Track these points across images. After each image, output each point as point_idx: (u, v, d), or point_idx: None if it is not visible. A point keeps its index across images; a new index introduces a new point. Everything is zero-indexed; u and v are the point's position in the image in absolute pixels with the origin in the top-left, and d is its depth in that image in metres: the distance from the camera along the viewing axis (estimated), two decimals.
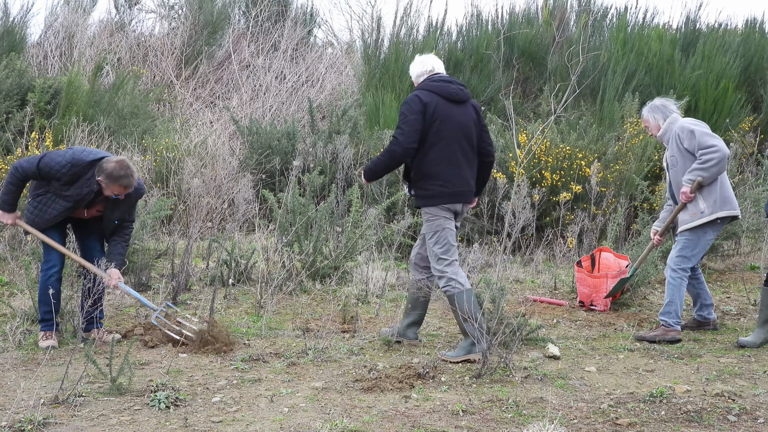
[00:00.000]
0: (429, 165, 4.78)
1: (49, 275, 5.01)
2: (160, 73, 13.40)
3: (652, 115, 5.69)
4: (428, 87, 4.86)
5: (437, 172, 4.78)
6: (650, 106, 5.74)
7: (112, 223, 5.08)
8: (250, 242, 7.59)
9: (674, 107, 5.71)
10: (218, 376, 4.55)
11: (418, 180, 4.84)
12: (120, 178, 4.83)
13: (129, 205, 5.12)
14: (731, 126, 9.91)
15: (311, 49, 14.43)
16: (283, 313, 5.96)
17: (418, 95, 4.79)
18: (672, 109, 5.67)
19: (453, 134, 4.81)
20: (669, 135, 5.57)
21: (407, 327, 5.20)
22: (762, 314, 5.22)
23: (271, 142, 9.52)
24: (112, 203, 5.01)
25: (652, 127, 5.71)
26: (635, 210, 8.13)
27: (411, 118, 4.72)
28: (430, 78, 4.94)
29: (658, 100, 5.78)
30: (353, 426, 3.76)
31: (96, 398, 4.13)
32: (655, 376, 4.70)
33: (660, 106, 5.69)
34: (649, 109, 5.74)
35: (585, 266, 6.38)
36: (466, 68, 11.10)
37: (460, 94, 4.89)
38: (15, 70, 9.80)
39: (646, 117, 5.75)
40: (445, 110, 4.80)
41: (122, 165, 4.84)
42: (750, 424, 3.94)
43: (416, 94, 4.80)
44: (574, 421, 3.91)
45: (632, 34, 11.06)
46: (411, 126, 4.71)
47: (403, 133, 4.71)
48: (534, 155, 8.04)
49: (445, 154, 4.78)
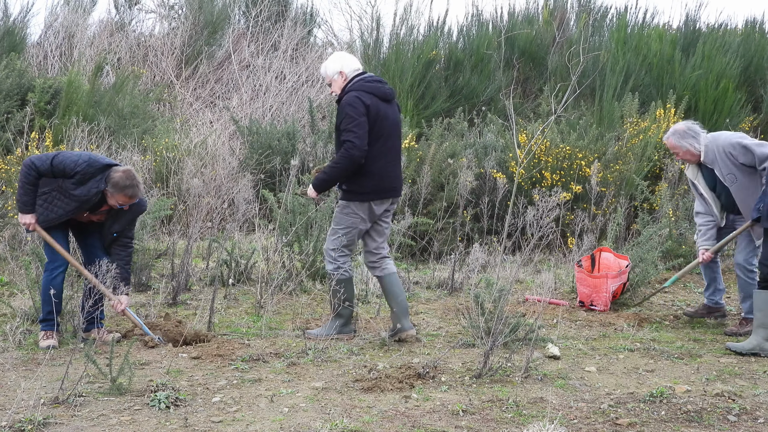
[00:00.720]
0: (368, 163, 4.98)
1: (54, 275, 5.02)
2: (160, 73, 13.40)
3: (686, 142, 5.59)
4: (364, 88, 5.01)
5: (375, 169, 5.00)
6: (677, 133, 5.62)
7: (110, 234, 5.10)
8: (250, 242, 7.58)
9: (698, 126, 5.67)
10: (218, 376, 4.55)
11: (355, 176, 5.01)
12: (126, 188, 4.87)
13: (129, 219, 5.15)
14: (731, 126, 9.90)
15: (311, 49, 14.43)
16: (283, 313, 5.96)
17: (360, 97, 4.95)
18: (698, 130, 5.61)
19: (388, 132, 5.05)
20: (713, 155, 5.50)
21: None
22: (756, 318, 5.15)
23: (271, 142, 9.51)
24: (114, 214, 5.05)
25: (687, 153, 5.60)
26: (635, 210, 8.13)
27: (360, 120, 4.91)
28: (363, 79, 5.07)
29: (681, 125, 5.67)
30: (353, 426, 3.76)
31: (96, 398, 4.13)
32: (655, 376, 4.71)
33: (687, 131, 5.60)
34: (677, 136, 5.61)
35: (585, 266, 6.38)
36: (466, 68, 11.10)
37: (391, 93, 5.15)
38: (15, 70, 9.80)
39: (676, 145, 5.62)
40: (381, 110, 5.02)
41: (129, 175, 4.89)
42: (750, 424, 3.94)
43: (357, 96, 4.95)
44: (574, 421, 3.91)
45: (632, 34, 11.06)
46: (362, 128, 4.90)
47: (358, 137, 4.89)
48: (534, 155, 8.04)
49: (383, 152, 5.02)
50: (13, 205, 7.10)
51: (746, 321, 5.64)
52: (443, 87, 10.82)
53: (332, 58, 5.20)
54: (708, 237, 5.72)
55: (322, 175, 5.04)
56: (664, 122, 9.04)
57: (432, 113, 10.33)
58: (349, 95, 4.99)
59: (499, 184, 7.61)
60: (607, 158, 8.30)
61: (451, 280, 6.78)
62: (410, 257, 7.86)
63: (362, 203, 5.06)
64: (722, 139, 5.53)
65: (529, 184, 8.09)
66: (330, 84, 5.18)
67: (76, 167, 4.86)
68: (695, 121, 5.83)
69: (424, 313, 6.12)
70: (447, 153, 8.38)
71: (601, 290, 6.20)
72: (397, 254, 7.43)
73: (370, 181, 5.01)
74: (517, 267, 6.05)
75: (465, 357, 4.95)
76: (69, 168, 4.86)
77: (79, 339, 5.08)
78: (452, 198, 7.88)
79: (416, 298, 6.54)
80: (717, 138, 5.56)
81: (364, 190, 5.03)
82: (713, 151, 5.52)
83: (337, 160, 4.96)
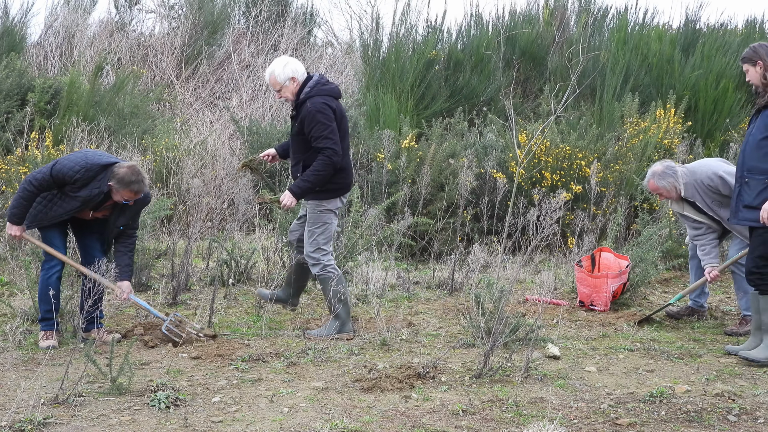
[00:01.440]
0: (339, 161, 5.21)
1: (50, 274, 5.02)
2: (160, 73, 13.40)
3: (666, 182, 5.69)
4: (325, 92, 5.20)
5: (341, 166, 5.20)
6: (656, 174, 5.71)
7: (116, 228, 5.10)
8: (250, 242, 7.59)
9: (673, 163, 5.80)
10: (218, 376, 4.55)
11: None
12: (131, 184, 4.88)
13: (134, 212, 5.16)
14: (731, 126, 9.90)
15: (311, 49, 14.43)
16: (283, 313, 5.96)
17: (327, 103, 5.13)
18: (675, 168, 5.72)
19: (345, 130, 5.32)
20: (693, 189, 5.63)
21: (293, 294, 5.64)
22: (754, 320, 5.11)
23: (271, 142, 9.50)
24: (119, 208, 5.05)
25: (670, 191, 5.70)
26: (635, 210, 8.13)
27: (333, 126, 5.10)
28: (319, 82, 5.22)
29: (659, 166, 5.77)
30: (353, 426, 3.76)
31: (96, 398, 4.14)
32: (655, 376, 4.71)
33: (665, 170, 5.70)
34: (657, 178, 5.71)
35: (585, 266, 6.38)
36: (466, 68, 11.09)
37: (339, 92, 5.38)
38: (15, 70, 9.79)
39: (658, 186, 5.72)
40: (340, 110, 5.27)
41: (134, 171, 4.90)
42: (750, 424, 3.94)
43: (325, 102, 5.12)
44: (574, 421, 3.91)
45: (632, 34, 11.05)
46: (336, 134, 5.11)
47: (335, 143, 5.09)
48: (534, 155, 8.04)
49: (344, 148, 5.26)
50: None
51: (745, 320, 5.64)
52: (443, 87, 10.81)
53: (279, 63, 5.24)
54: (713, 255, 5.73)
55: (304, 183, 5.10)
56: (664, 122, 9.04)
57: (432, 113, 10.33)
58: (316, 101, 5.10)
59: (499, 184, 7.61)
60: (607, 158, 8.30)
61: (451, 280, 6.78)
62: (410, 257, 7.86)
63: (334, 199, 5.25)
64: (699, 172, 5.65)
65: (529, 184, 8.09)
66: (279, 90, 5.22)
67: (75, 175, 4.85)
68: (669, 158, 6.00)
69: (424, 313, 6.12)
70: (447, 153, 8.38)
71: (601, 290, 6.20)
72: (397, 254, 7.43)
73: (339, 177, 5.20)
74: (517, 267, 6.05)
75: (465, 357, 4.95)
76: (68, 176, 4.86)
77: (79, 339, 5.08)
78: (452, 198, 7.88)
79: (416, 298, 6.54)
80: (694, 172, 5.68)
81: (335, 186, 5.21)
82: (692, 186, 5.66)
83: (320, 168, 5.07)
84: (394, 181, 8.22)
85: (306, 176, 5.10)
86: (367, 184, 8.43)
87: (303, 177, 5.11)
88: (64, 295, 5.29)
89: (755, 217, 4.87)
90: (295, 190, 5.12)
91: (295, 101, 5.19)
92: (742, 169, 4.98)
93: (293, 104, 5.22)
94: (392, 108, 9.96)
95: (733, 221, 5.15)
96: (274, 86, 5.24)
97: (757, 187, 4.86)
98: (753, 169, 4.89)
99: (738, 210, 5.00)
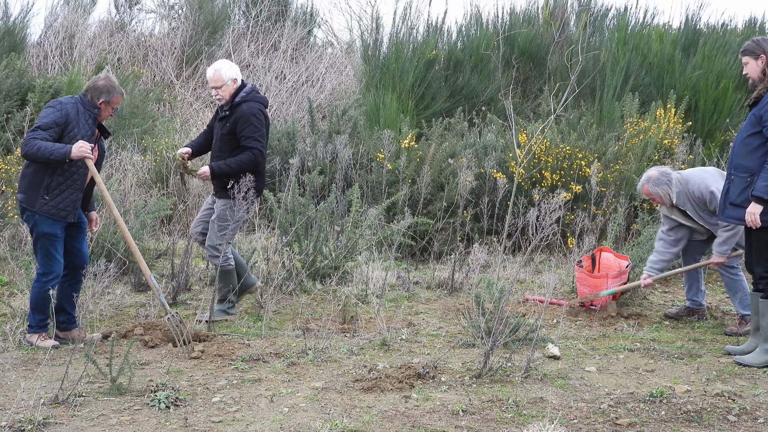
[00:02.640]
0: (262, 165, 5.66)
1: (47, 288, 4.84)
2: (160, 73, 13.39)
3: (660, 189, 5.74)
4: (259, 99, 5.66)
5: (262, 169, 5.68)
6: (651, 180, 5.77)
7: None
8: (250, 242, 7.59)
9: (669, 170, 5.86)
10: (218, 376, 4.55)
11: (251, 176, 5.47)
12: (117, 87, 5.02)
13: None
14: (731, 126, 9.90)
15: (311, 49, 14.42)
16: (283, 313, 5.96)
17: (262, 111, 5.62)
18: (670, 174, 5.78)
19: (269, 137, 5.84)
20: (685, 198, 5.70)
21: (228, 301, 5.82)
22: (753, 322, 5.10)
23: (270, 142, 9.50)
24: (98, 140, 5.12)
25: (663, 198, 5.76)
26: (635, 210, 8.13)
27: (264, 131, 5.59)
28: (255, 90, 5.68)
29: (654, 172, 5.83)
30: (353, 426, 3.76)
31: (96, 398, 4.14)
32: (655, 376, 4.71)
33: (660, 177, 5.76)
34: (652, 184, 5.76)
35: (585, 266, 6.38)
36: (466, 68, 11.09)
37: (268, 103, 5.83)
38: (15, 70, 9.80)
39: (652, 192, 5.78)
40: (269, 120, 5.75)
41: (108, 77, 5.04)
42: (750, 424, 3.94)
43: (261, 110, 5.60)
44: (574, 421, 3.91)
45: (632, 34, 11.05)
46: (265, 139, 5.61)
47: (264, 146, 5.58)
48: (534, 155, 8.04)
49: (266, 155, 5.76)
50: (13, 204, 7.10)
51: (744, 320, 5.64)
52: (443, 87, 10.81)
53: (225, 64, 5.67)
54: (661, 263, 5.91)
55: (225, 166, 5.49)
56: (664, 122, 9.04)
57: (432, 113, 10.33)
58: (252, 105, 5.56)
59: (499, 184, 7.61)
60: (607, 158, 8.30)
61: (451, 280, 6.78)
62: (410, 257, 7.86)
63: (256, 199, 5.66)
64: (692, 184, 5.69)
65: (529, 184, 8.09)
66: (219, 87, 5.57)
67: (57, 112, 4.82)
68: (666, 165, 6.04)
69: (424, 313, 6.12)
70: (447, 153, 8.38)
71: (601, 290, 6.19)
72: (397, 254, 7.43)
73: (259, 181, 5.62)
74: (517, 267, 6.05)
75: (465, 357, 4.95)
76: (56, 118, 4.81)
77: (54, 337, 5.06)
78: (452, 198, 7.88)
79: (416, 298, 6.55)
80: (687, 182, 5.72)
81: (258, 187, 5.56)
82: (684, 194, 5.71)
83: (244, 160, 5.50)
84: (394, 181, 8.22)
85: (229, 162, 5.52)
86: (367, 184, 8.43)
87: (227, 161, 5.52)
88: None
89: (739, 215, 4.88)
90: (214, 168, 5.52)
91: (231, 103, 5.57)
92: (730, 167, 5.01)
93: (227, 105, 5.58)
94: (392, 108, 9.96)
95: (720, 218, 5.19)
96: (216, 83, 5.56)
97: (741, 185, 4.87)
98: (738, 167, 4.91)
99: (725, 207, 5.03)
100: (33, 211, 4.88)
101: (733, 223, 5.16)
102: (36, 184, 4.87)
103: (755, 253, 4.95)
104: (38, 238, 4.92)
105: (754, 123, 4.86)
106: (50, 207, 4.87)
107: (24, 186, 4.92)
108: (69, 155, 4.74)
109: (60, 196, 4.88)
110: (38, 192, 4.86)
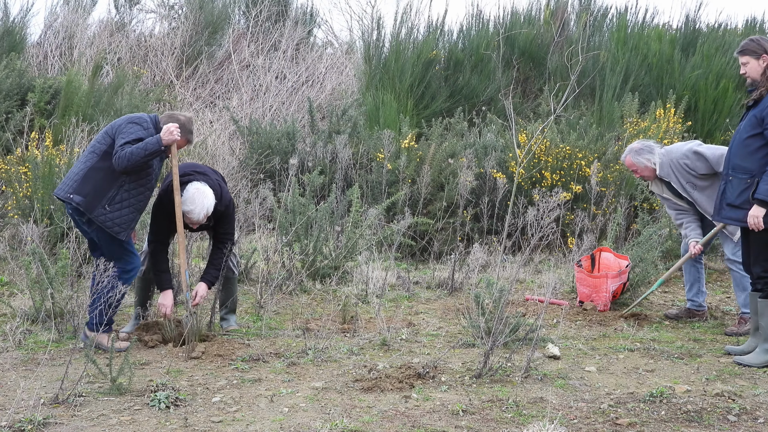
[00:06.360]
0: None
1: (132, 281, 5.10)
2: (160, 73, 13.39)
3: (643, 158, 5.74)
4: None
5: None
6: (633, 150, 5.78)
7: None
8: (250, 242, 7.59)
9: (653, 143, 5.84)
10: (218, 376, 4.55)
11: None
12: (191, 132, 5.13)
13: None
14: (731, 126, 9.90)
15: (311, 49, 14.42)
16: (283, 313, 5.96)
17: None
18: (653, 146, 5.78)
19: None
20: (668, 168, 5.67)
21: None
22: (753, 322, 5.09)
23: (271, 142, 9.52)
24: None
25: (646, 169, 5.75)
26: (635, 210, 8.13)
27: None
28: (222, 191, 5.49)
29: (637, 143, 5.84)
30: (353, 426, 3.76)
31: (96, 398, 4.14)
32: (655, 376, 4.71)
33: (642, 148, 5.76)
34: (633, 154, 5.77)
35: (585, 266, 6.38)
36: (466, 68, 11.10)
37: None
38: (15, 70, 9.79)
39: (633, 162, 5.77)
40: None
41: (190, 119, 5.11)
42: (750, 424, 3.94)
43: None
44: (574, 421, 3.91)
45: (632, 34, 11.05)
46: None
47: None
48: (534, 155, 8.04)
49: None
50: (13, 204, 7.10)
51: (744, 319, 5.63)
52: (443, 87, 10.82)
53: (205, 199, 5.14)
54: (696, 231, 5.78)
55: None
56: (664, 122, 9.04)
57: (432, 113, 10.33)
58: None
59: (499, 184, 7.62)
60: (607, 158, 8.30)
61: (451, 280, 6.78)
62: (410, 257, 7.86)
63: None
64: (675, 150, 5.69)
65: (529, 184, 8.09)
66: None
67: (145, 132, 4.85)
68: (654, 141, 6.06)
69: (424, 313, 6.12)
70: (447, 153, 8.39)
71: (601, 290, 6.20)
72: (397, 254, 7.43)
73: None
74: (517, 267, 6.05)
75: (465, 357, 4.95)
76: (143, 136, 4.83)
77: (83, 337, 5.06)
78: (452, 198, 7.88)
79: (416, 298, 6.55)
80: (670, 151, 5.72)
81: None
82: (667, 165, 5.68)
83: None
84: (394, 181, 8.22)
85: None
86: (367, 184, 8.43)
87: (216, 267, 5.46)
88: (63, 294, 5.29)
89: (737, 216, 4.87)
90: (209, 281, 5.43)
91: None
92: (727, 167, 4.99)
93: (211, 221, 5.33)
94: (392, 108, 9.97)
95: (717, 218, 5.17)
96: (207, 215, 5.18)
97: (740, 186, 4.86)
98: (737, 168, 4.89)
99: (721, 208, 5.02)
100: (90, 217, 4.81)
101: (730, 224, 5.15)
102: (101, 192, 4.80)
103: (753, 253, 4.95)
104: (112, 239, 4.90)
105: (754, 124, 4.84)
106: (106, 219, 4.80)
107: (86, 190, 4.78)
108: (162, 142, 4.80)
109: (119, 211, 4.83)
110: (100, 201, 4.79)
